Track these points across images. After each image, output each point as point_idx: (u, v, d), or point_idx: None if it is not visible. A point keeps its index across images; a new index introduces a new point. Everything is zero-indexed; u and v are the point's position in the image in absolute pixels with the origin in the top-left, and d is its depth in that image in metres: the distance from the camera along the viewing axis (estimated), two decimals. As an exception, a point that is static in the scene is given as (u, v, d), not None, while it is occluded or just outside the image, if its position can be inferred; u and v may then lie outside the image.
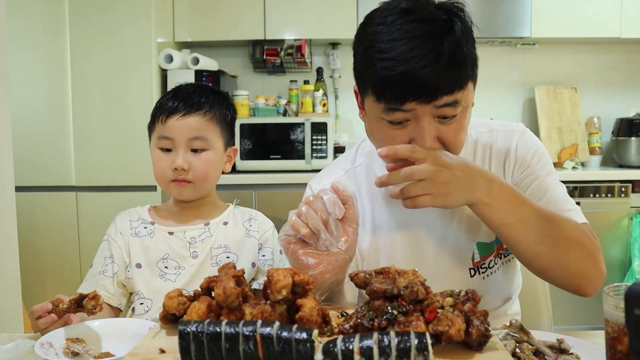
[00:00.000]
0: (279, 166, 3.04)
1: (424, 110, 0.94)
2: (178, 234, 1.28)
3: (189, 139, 1.23)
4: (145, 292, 1.23)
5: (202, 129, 1.24)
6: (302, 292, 0.79)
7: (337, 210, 0.92)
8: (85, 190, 2.84)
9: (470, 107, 1.01)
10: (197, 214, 1.31)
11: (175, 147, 1.23)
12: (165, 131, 1.23)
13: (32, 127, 2.81)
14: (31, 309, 0.99)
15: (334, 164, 1.26)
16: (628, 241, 2.96)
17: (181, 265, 1.26)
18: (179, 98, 1.25)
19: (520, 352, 0.80)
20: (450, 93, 0.93)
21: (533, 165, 1.11)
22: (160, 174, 1.26)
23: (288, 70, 3.49)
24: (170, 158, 1.24)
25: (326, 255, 0.92)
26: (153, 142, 1.27)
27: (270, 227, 1.35)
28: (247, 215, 1.35)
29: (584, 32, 3.19)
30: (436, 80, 0.91)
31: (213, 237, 1.28)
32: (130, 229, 1.28)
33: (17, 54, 2.76)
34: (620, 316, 0.65)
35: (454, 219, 1.12)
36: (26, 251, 2.09)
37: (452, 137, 0.98)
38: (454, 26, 0.94)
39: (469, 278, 1.13)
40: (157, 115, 1.26)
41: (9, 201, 1.47)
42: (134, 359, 0.71)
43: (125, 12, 2.79)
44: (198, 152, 1.24)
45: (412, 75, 0.91)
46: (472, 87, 1.00)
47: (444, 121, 0.97)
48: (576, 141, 3.37)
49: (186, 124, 1.23)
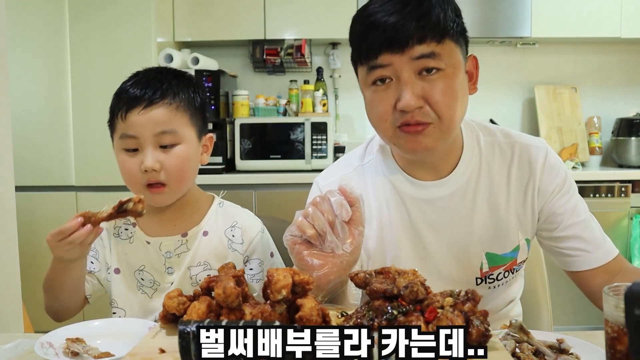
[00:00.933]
0: (279, 166, 3.04)
1: (401, 64, 0.96)
2: (154, 244, 1.16)
3: (155, 135, 1.08)
4: (120, 301, 1.17)
5: (169, 121, 1.09)
6: (302, 292, 0.79)
7: (344, 212, 0.92)
8: (85, 190, 2.84)
9: (461, 74, 1.00)
10: (174, 219, 1.18)
11: (141, 146, 1.08)
12: (128, 129, 1.08)
13: (32, 127, 2.81)
14: (59, 230, 0.94)
15: (343, 160, 1.23)
16: (628, 241, 2.96)
17: (156, 281, 1.16)
18: (138, 87, 1.10)
19: (520, 352, 0.80)
20: (422, 42, 0.95)
21: (562, 191, 1.09)
22: (129, 179, 1.11)
23: (288, 70, 3.49)
24: (138, 159, 1.08)
25: (331, 257, 0.91)
26: (116, 143, 1.12)
27: (257, 233, 1.21)
28: (230, 220, 1.21)
29: (584, 32, 3.18)
30: (402, 25, 0.94)
31: (191, 251, 1.16)
32: (114, 228, 1.19)
33: (17, 54, 2.76)
34: (620, 316, 0.65)
35: (465, 225, 1.10)
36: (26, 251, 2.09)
37: (438, 97, 0.97)
38: None
39: (475, 286, 1.12)
40: (116, 111, 1.10)
41: (9, 201, 1.46)
42: (134, 359, 0.71)
43: (125, 12, 2.79)
44: (168, 148, 1.09)
45: (380, 23, 0.95)
46: (459, 51, 1.01)
47: (427, 77, 0.97)
48: (576, 141, 3.37)
49: (150, 118, 1.07)
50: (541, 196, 1.10)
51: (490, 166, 1.11)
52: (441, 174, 1.10)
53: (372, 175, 1.16)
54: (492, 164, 1.11)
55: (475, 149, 1.11)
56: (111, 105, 1.12)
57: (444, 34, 0.96)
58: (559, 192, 1.09)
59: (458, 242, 1.11)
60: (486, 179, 1.10)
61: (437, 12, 0.95)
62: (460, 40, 1.01)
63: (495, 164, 1.11)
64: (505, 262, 1.12)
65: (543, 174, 1.10)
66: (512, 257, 1.11)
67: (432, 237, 1.11)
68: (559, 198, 1.09)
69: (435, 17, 0.95)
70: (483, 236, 1.10)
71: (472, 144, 1.11)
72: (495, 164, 1.11)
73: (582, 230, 1.08)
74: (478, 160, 1.10)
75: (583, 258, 1.08)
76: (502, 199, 1.10)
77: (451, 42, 0.98)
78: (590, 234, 1.08)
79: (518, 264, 1.13)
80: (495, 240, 1.10)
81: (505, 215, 1.10)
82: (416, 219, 1.11)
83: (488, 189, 1.10)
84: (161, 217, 1.17)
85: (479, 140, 1.12)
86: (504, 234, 1.10)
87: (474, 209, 1.10)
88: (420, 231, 1.11)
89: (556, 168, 1.11)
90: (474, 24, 3.09)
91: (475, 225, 1.10)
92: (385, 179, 1.14)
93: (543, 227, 1.11)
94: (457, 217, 1.10)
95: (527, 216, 1.10)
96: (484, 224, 1.10)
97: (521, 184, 1.10)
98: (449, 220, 1.10)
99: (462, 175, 1.09)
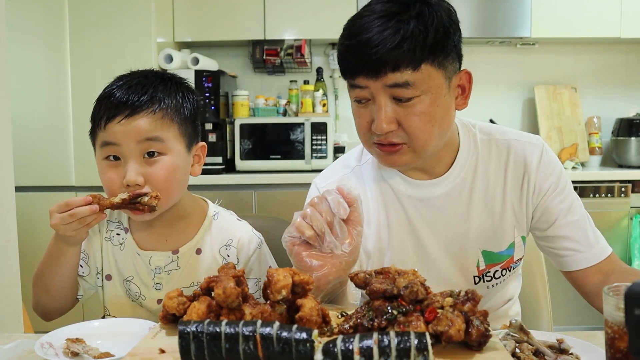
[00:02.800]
0: (278, 166, 3.04)
1: (377, 89, 0.97)
2: (144, 257, 1.10)
3: (138, 142, 0.99)
4: (112, 309, 1.13)
5: (154, 129, 1.00)
6: (302, 292, 0.79)
7: (342, 210, 0.92)
8: (85, 190, 2.83)
9: (440, 97, 0.99)
10: (165, 234, 1.10)
11: (123, 156, 0.99)
12: (107, 136, 0.99)
13: (32, 127, 2.81)
14: (65, 201, 0.92)
15: (341, 160, 1.24)
16: (628, 241, 2.96)
17: (142, 294, 1.10)
18: (120, 92, 1.00)
19: (520, 352, 0.80)
20: (396, 70, 0.94)
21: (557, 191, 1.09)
22: (110, 192, 1.00)
23: (288, 70, 3.49)
24: (120, 171, 0.99)
25: (330, 257, 0.91)
26: (97, 153, 1.03)
27: (253, 252, 1.14)
28: (225, 238, 1.13)
29: (584, 32, 3.18)
30: (376, 52, 0.93)
31: (181, 270, 1.10)
32: (106, 231, 1.13)
33: (17, 54, 2.76)
34: (620, 316, 0.65)
35: (461, 224, 1.11)
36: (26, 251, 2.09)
37: (412, 122, 0.97)
38: (412, 7, 0.95)
39: (473, 285, 1.13)
40: (96, 119, 1.01)
41: (9, 201, 1.46)
42: (134, 359, 0.71)
43: (125, 12, 2.79)
44: (154, 158, 1.00)
45: (358, 47, 0.95)
46: (441, 74, 0.98)
47: (401, 104, 0.97)
48: (576, 141, 3.37)
49: (133, 129, 0.98)
50: (536, 194, 1.10)
51: (487, 165, 1.11)
52: (435, 174, 1.10)
53: (369, 175, 1.16)
54: (489, 163, 1.11)
55: (472, 148, 1.11)
56: (92, 113, 1.03)
57: (421, 61, 0.95)
58: (554, 190, 1.09)
59: (455, 240, 1.11)
60: (482, 178, 1.10)
61: (415, 39, 0.93)
62: (444, 62, 0.98)
63: (492, 162, 1.11)
64: (501, 259, 1.12)
65: (538, 172, 1.10)
66: (509, 255, 1.12)
67: (429, 235, 1.12)
68: (554, 197, 1.09)
69: (411, 45, 0.93)
70: (479, 234, 1.11)
71: (469, 144, 1.11)
72: (492, 162, 1.11)
73: (574, 230, 1.08)
74: (474, 159, 1.11)
75: (575, 258, 1.08)
76: (498, 196, 1.10)
77: (430, 67, 0.96)
78: (583, 234, 1.08)
79: (515, 261, 1.13)
80: (491, 238, 1.10)
81: (501, 213, 1.10)
82: (413, 217, 1.12)
83: (484, 187, 1.10)
84: (152, 231, 1.11)
85: (475, 140, 1.12)
86: (500, 231, 1.10)
87: (470, 207, 1.10)
88: (418, 230, 1.12)
89: (552, 166, 1.11)
90: (474, 24, 3.10)
91: (471, 224, 1.10)
92: (382, 179, 1.14)
93: (537, 225, 1.12)
94: (453, 216, 1.10)
95: (522, 213, 1.11)
96: (480, 222, 1.10)
97: (517, 182, 1.10)
98: (445, 219, 1.11)
99: (457, 175, 1.10)
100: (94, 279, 1.15)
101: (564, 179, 1.11)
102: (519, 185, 1.10)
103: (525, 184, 1.10)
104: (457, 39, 1.00)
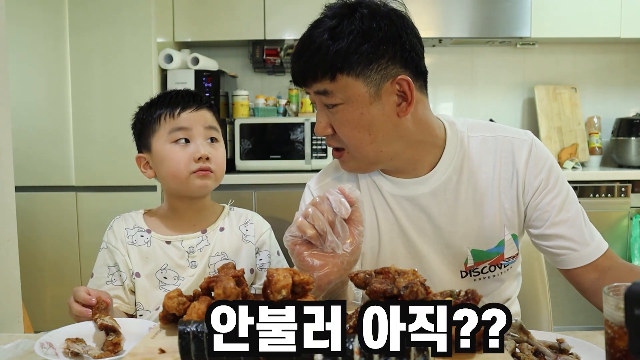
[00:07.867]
0: (278, 166, 3.04)
1: (312, 96, 1.05)
2: (176, 243, 1.24)
3: (205, 128, 1.23)
4: (145, 303, 1.21)
5: (213, 121, 1.26)
6: (302, 292, 0.79)
7: (344, 210, 0.92)
8: (85, 190, 2.84)
9: (363, 107, 1.00)
10: (194, 220, 1.27)
11: (192, 137, 1.21)
12: (180, 122, 1.21)
13: (32, 127, 2.81)
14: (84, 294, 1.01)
15: (334, 162, 1.25)
16: (628, 241, 2.96)
17: (180, 276, 1.23)
18: (179, 96, 1.24)
19: (520, 352, 0.80)
20: (315, 80, 1.01)
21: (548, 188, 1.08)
22: (176, 168, 1.19)
23: (288, 70, 3.48)
24: (188, 150, 1.20)
25: (331, 257, 0.91)
26: (162, 140, 1.21)
27: (266, 230, 1.32)
28: (243, 219, 1.32)
29: (583, 32, 3.18)
30: (299, 64, 1.03)
31: (211, 245, 1.26)
32: (127, 237, 1.25)
33: (17, 54, 2.76)
34: (620, 316, 0.65)
35: (448, 223, 1.11)
36: (26, 251, 2.09)
37: (340, 129, 1.04)
38: (333, 18, 1.00)
39: (460, 279, 1.13)
40: (162, 113, 1.22)
41: (9, 201, 1.46)
42: (134, 359, 0.71)
43: (125, 12, 2.79)
44: (214, 143, 1.24)
45: (292, 59, 1.06)
46: (361, 84, 0.99)
47: (330, 110, 1.04)
48: (576, 141, 3.37)
49: (201, 115, 1.23)
50: (527, 192, 1.09)
51: (474, 163, 1.11)
52: (419, 174, 1.11)
53: (361, 177, 1.17)
54: (477, 161, 1.11)
55: (458, 148, 1.11)
56: (150, 114, 1.23)
57: (335, 72, 0.99)
58: (545, 187, 1.08)
59: (442, 239, 1.12)
60: (470, 176, 1.10)
61: (328, 51, 0.98)
62: (365, 71, 0.98)
63: (481, 159, 1.11)
64: (490, 257, 1.12)
65: (527, 169, 1.09)
66: (498, 253, 1.12)
67: (416, 234, 1.12)
68: (546, 194, 1.08)
69: (323, 58, 0.98)
70: (466, 233, 1.11)
71: (455, 144, 1.11)
72: (481, 159, 1.11)
73: (569, 229, 1.07)
74: (460, 158, 1.10)
75: (570, 256, 1.08)
76: (487, 194, 1.10)
77: (347, 78, 0.99)
78: (577, 232, 1.07)
79: (506, 259, 1.13)
80: (479, 236, 1.10)
81: (490, 211, 1.10)
82: (400, 216, 1.13)
83: (472, 186, 1.10)
84: (182, 219, 1.27)
85: (462, 140, 1.12)
86: (489, 230, 1.10)
87: (456, 206, 1.10)
88: (405, 228, 1.13)
89: (541, 162, 1.09)
90: (474, 24, 3.10)
91: (459, 223, 1.10)
92: (370, 179, 1.16)
93: (531, 224, 1.11)
94: (439, 214, 1.11)
95: (514, 212, 1.10)
96: (468, 221, 1.10)
97: (506, 179, 1.10)
98: (431, 218, 1.11)
99: (442, 174, 1.10)
100: (130, 281, 1.23)
101: (555, 174, 1.09)
102: (509, 183, 1.10)
103: (514, 181, 1.09)
104: (392, 46, 0.99)
